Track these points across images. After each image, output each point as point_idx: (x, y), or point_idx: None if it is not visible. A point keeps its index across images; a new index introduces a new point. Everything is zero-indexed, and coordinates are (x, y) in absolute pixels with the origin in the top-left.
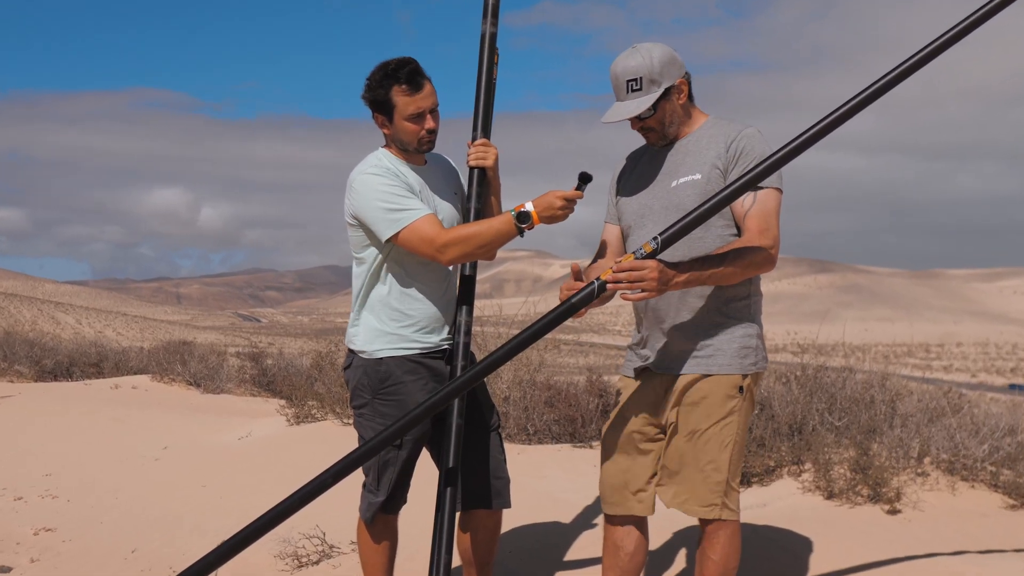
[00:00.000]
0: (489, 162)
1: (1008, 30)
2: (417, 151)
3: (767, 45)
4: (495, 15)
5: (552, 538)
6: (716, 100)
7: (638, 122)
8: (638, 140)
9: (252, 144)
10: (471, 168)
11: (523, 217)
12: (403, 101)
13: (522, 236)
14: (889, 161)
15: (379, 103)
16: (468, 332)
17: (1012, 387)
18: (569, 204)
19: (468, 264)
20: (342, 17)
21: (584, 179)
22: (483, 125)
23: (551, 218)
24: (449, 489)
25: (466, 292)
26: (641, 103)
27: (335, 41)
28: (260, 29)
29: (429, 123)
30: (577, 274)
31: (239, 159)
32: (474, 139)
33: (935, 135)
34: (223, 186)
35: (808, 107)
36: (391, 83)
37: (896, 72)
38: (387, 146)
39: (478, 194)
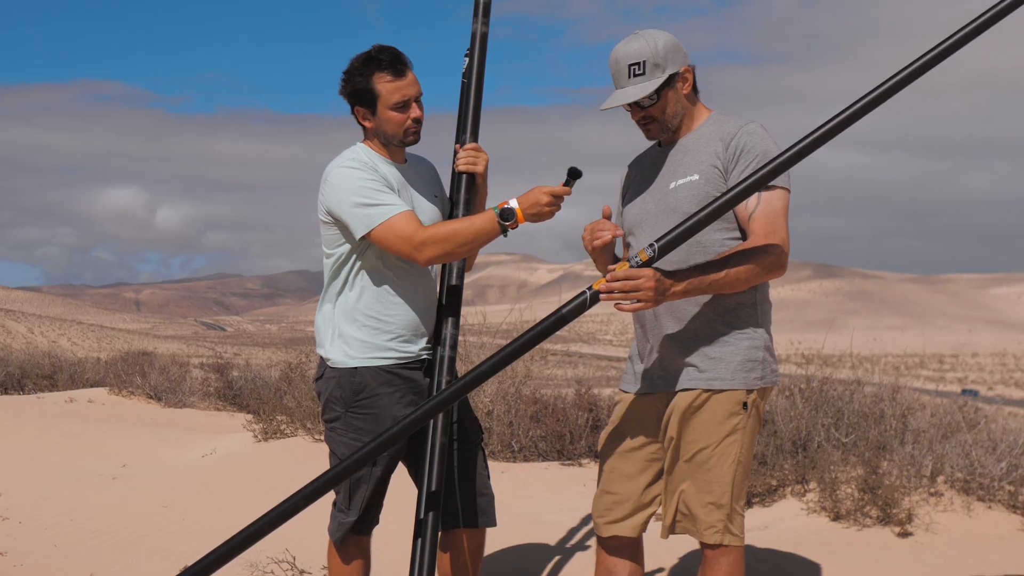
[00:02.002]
0: (479, 168)
1: (1013, 17)
2: (402, 143)
3: (757, 35)
4: (486, 14)
5: (538, 563)
6: (704, 95)
7: (639, 110)
8: (627, 139)
9: (212, 140)
10: (459, 174)
11: (507, 214)
12: (387, 89)
13: (505, 235)
14: (894, 159)
15: (360, 93)
16: (454, 345)
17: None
18: (556, 201)
19: (456, 272)
20: (305, 7)
21: (573, 175)
22: (472, 127)
23: (537, 215)
24: (431, 514)
25: (452, 303)
26: (644, 88)
27: (298, 32)
28: (218, 18)
29: (415, 112)
30: (607, 216)
31: (198, 156)
32: (462, 143)
33: (942, 130)
34: (181, 185)
35: (802, 100)
36: (373, 70)
37: (914, 67)
38: (366, 141)
39: (466, 201)
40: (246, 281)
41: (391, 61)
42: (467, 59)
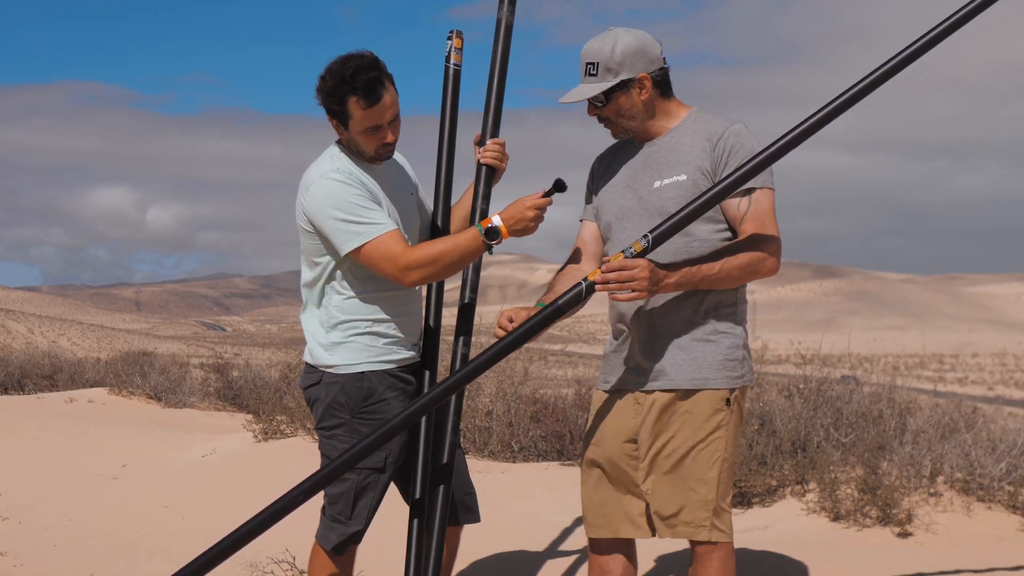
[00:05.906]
0: (504, 167)
1: (979, 22)
2: (372, 160)
3: (730, 38)
4: (512, 2)
5: (539, 563)
6: (682, 96)
7: (593, 108)
8: (611, 140)
9: (198, 140)
10: (481, 166)
11: (492, 233)
12: (360, 115)
13: (491, 252)
14: (881, 159)
15: (333, 112)
16: (466, 357)
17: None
18: (541, 214)
19: (468, 293)
20: (287, 8)
21: (559, 187)
22: (494, 121)
23: (523, 231)
24: (438, 507)
25: (464, 320)
26: (591, 89)
27: (280, 33)
28: (200, 19)
29: (388, 137)
30: (514, 314)
31: (185, 156)
32: (484, 136)
33: (939, 131)
34: (171, 185)
35: (780, 102)
36: (346, 93)
37: (889, 65)
38: (340, 142)
39: (484, 195)
40: (245, 281)
41: (367, 85)
42: (449, 42)
